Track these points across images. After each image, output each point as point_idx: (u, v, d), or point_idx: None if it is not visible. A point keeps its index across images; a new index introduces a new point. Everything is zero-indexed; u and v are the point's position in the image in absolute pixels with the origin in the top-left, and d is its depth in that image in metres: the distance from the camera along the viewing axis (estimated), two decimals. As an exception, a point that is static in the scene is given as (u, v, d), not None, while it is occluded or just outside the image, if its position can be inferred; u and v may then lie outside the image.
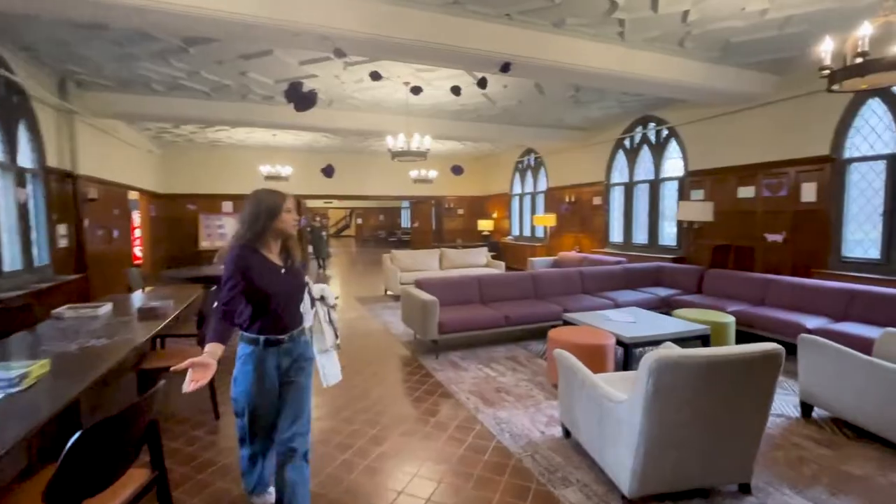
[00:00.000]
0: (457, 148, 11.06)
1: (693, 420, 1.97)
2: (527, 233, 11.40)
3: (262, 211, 1.81)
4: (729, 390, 1.96)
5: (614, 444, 2.10)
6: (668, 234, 7.51)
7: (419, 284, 4.91)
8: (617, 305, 5.21)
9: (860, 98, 4.90)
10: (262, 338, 1.83)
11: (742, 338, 4.50)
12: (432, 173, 9.16)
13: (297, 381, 1.94)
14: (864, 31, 2.50)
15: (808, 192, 5.36)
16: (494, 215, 12.60)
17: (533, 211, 11.02)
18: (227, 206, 10.65)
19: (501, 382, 3.75)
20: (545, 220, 9.39)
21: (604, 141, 8.53)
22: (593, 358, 3.29)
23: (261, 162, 9.69)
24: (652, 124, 7.54)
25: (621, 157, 8.28)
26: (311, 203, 16.53)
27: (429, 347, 4.64)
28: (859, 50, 2.54)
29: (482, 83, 4.06)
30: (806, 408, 3.11)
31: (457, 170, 6.76)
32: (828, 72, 2.77)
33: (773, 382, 2.02)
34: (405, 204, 23.00)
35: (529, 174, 11.16)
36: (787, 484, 2.31)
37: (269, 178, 9.19)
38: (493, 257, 9.03)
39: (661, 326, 3.89)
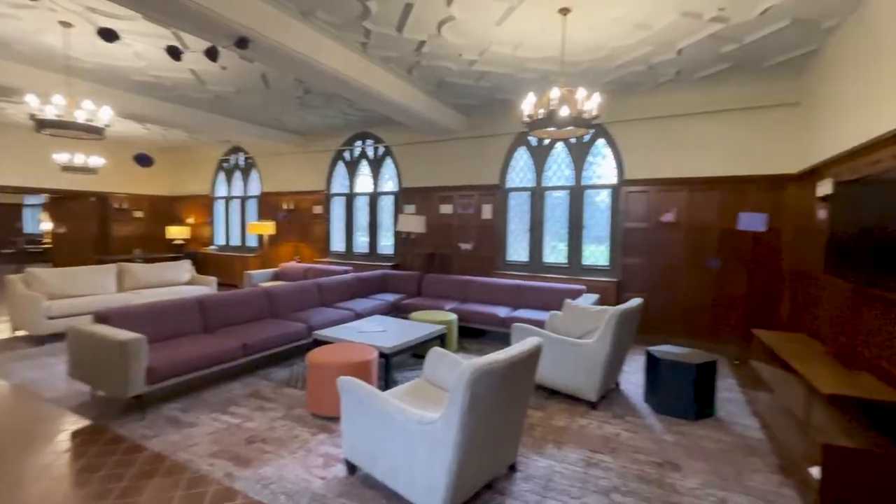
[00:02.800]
0: (136, 132, 8.52)
1: (492, 422, 2.10)
2: (235, 242, 10.00)
3: None
4: (515, 385, 2.20)
5: (427, 467, 1.99)
6: (386, 244, 8.16)
7: (103, 318, 3.38)
8: (358, 315, 5.20)
9: (514, 145, 6.73)
10: None
11: (459, 330, 5.33)
12: (95, 160, 6.71)
13: None
14: (554, 94, 3.40)
15: (487, 212, 6.95)
16: (190, 221, 10.44)
17: (243, 217, 9.77)
18: None
19: (251, 429, 3.03)
20: (263, 228, 8.47)
21: (324, 150, 8.47)
22: (362, 375, 3.11)
23: None
24: (370, 141, 8.02)
25: (342, 169, 8.43)
26: None
27: (126, 406, 3.26)
28: (549, 108, 3.45)
29: (212, 53, 3.20)
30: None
31: (144, 159, 5.21)
32: (528, 119, 3.64)
33: (535, 370, 2.40)
34: (31, 199, 16.06)
35: (238, 176, 9.83)
36: (531, 450, 2.82)
37: None
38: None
39: (409, 332, 4.10)
